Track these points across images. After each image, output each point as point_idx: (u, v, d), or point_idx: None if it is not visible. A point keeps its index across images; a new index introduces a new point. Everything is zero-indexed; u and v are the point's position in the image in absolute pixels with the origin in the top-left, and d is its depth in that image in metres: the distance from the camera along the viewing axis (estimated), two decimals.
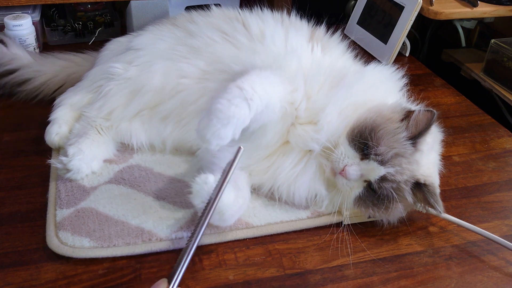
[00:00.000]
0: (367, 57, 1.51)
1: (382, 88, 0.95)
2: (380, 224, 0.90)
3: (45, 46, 1.45)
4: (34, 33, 1.32)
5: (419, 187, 0.86)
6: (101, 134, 1.00)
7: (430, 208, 0.89)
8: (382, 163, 0.83)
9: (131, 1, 1.41)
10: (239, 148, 0.74)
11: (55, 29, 1.45)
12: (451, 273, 0.83)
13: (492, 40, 1.48)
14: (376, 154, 0.83)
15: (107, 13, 1.51)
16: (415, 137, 0.85)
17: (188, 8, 1.47)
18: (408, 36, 1.49)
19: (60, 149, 1.01)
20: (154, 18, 1.35)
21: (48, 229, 0.84)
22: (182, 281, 0.78)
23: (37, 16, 1.38)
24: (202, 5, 1.27)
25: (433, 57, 1.79)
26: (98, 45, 1.23)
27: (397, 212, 0.87)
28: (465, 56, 1.66)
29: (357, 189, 0.87)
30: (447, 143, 1.16)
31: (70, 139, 0.98)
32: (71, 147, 0.95)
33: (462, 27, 1.72)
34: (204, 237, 0.85)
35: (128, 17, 1.46)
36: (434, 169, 0.91)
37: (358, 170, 0.85)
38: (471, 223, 0.90)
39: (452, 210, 0.96)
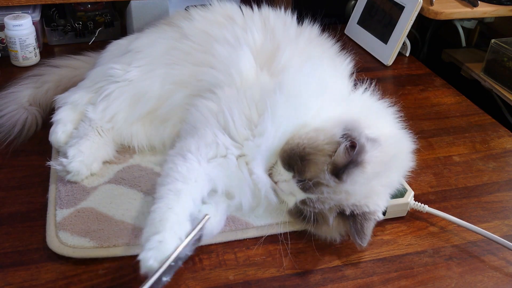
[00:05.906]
0: (366, 56, 1.52)
1: (310, 106, 0.89)
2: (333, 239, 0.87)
3: (45, 46, 1.45)
4: (34, 33, 1.32)
5: (346, 217, 0.83)
6: (102, 136, 1.00)
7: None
8: (303, 189, 0.83)
9: (131, 1, 1.41)
10: (205, 215, 0.81)
11: (55, 29, 1.45)
12: (451, 273, 0.83)
13: (492, 40, 1.48)
14: (299, 181, 0.83)
15: (107, 13, 1.51)
16: (339, 171, 0.80)
17: (188, 8, 1.46)
18: (408, 36, 1.49)
19: (60, 151, 1.00)
20: (154, 18, 1.34)
21: (48, 229, 0.84)
22: (182, 281, 0.78)
23: (37, 16, 1.38)
24: (201, 5, 1.26)
25: (433, 57, 1.78)
26: (98, 45, 1.23)
27: (332, 232, 0.85)
28: (465, 56, 1.66)
29: (292, 201, 0.87)
30: (447, 143, 1.16)
31: (70, 141, 0.98)
32: (71, 149, 0.94)
33: (462, 27, 1.72)
34: None
35: (128, 17, 1.46)
36: (378, 196, 0.85)
37: (287, 188, 0.86)
38: (471, 223, 0.90)
39: (452, 210, 0.96)
